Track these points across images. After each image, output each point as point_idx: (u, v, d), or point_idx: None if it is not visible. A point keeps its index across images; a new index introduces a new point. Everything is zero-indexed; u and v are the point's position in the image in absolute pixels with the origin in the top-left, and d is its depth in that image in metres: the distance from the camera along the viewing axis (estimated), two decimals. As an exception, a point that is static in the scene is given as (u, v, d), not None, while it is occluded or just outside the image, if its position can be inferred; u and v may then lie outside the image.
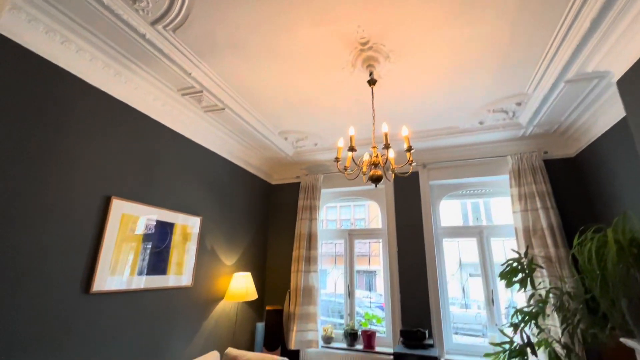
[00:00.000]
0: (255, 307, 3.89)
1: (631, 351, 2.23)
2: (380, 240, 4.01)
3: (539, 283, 2.58)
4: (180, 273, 2.81)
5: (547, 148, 3.35)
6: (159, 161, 2.70)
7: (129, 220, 2.36)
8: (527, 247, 2.53)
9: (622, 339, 1.94)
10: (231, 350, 3.10)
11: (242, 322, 3.64)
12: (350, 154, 2.03)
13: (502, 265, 2.32)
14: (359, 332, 3.66)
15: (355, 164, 1.94)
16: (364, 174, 2.28)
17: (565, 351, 2.37)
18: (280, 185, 4.56)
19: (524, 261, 2.32)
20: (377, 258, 4.94)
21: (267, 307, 3.75)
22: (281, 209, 4.43)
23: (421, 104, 2.84)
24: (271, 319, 3.67)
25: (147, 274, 2.49)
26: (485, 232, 3.60)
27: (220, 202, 3.44)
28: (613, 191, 2.70)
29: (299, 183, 4.34)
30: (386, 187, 3.98)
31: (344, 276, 3.99)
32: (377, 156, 2.02)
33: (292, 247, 4.10)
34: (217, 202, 3.39)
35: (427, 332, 3.21)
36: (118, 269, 2.25)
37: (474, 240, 3.65)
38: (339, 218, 4.11)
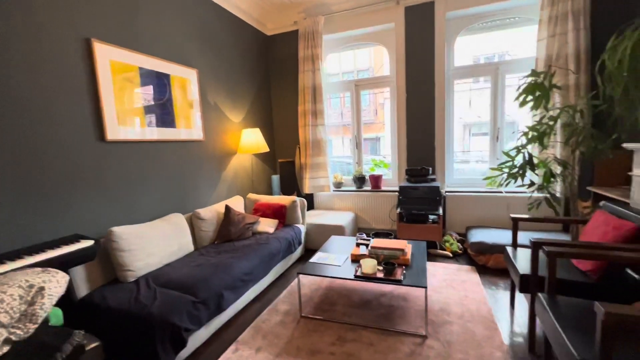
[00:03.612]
0: (268, 161, 4.13)
1: (622, 159, 2.38)
2: (388, 88, 3.84)
3: (552, 105, 2.54)
4: (189, 127, 2.83)
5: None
6: (139, 3, 2.31)
7: (121, 68, 2.20)
8: (550, 66, 2.36)
9: (624, 144, 2.02)
10: (252, 195, 3.46)
11: (258, 173, 3.94)
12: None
13: (520, 80, 2.21)
14: (367, 177, 3.97)
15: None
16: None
17: (561, 168, 2.54)
18: (278, 35, 4.08)
19: (543, 81, 2.20)
20: (381, 125, 4.87)
21: (280, 160, 3.98)
22: (282, 63, 4.11)
23: None
24: (285, 170, 3.95)
25: (157, 126, 2.51)
26: (501, 69, 3.36)
27: (214, 54, 3.15)
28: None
29: (297, 31, 3.86)
30: (396, 25, 3.52)
31: (352, 128, 4.04)
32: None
33: (297, 102, 4.00)
34: (211, 55, 3.10)
35: (430, 169, 3.45)
36: (128, 120, 2.26)
37: (487, 83, 3.45)
38: (342, 81, 3.87)
